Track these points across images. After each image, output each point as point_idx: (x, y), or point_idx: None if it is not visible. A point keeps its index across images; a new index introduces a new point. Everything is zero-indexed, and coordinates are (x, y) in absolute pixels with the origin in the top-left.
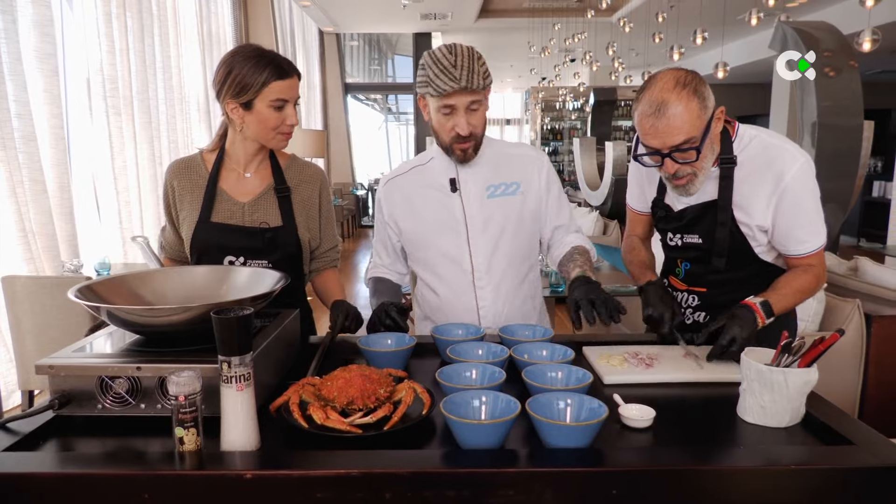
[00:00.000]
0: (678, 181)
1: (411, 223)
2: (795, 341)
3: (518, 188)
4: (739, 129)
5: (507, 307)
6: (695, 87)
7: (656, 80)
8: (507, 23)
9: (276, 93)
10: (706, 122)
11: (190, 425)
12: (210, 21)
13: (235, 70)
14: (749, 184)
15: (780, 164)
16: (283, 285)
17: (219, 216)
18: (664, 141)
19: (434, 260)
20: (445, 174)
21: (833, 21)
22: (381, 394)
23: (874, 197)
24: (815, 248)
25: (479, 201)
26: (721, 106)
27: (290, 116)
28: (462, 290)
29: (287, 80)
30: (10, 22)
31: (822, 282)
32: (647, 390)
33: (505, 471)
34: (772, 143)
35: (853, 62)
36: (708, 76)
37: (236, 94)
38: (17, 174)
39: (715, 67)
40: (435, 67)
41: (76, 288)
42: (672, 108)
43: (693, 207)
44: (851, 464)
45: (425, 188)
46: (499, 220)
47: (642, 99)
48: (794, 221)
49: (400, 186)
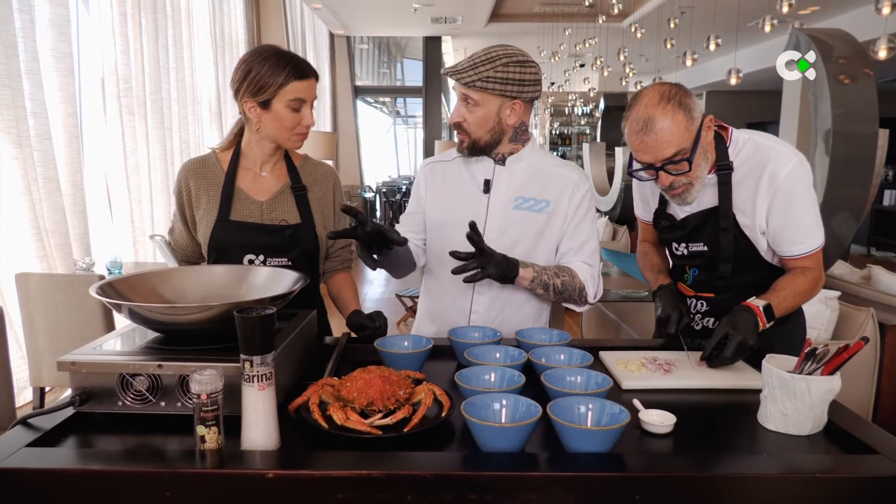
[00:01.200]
0: (675, 192)
1: (437, 211)
2: (820, 349)
3: (546, 206)
4: (733, 135)
5: (500, 316)
6: (679, 100)
7: (641, 96)
8: (518, 27)
9: (294, 93)
10: (695, 133)
11: (212, 424)
12: (223, 23)
13: (255, 69)
14: (746, 186)
15: (773, 165)
16: (302, 285)
17: (237, 214)
18: (655, 155)
19: (444, 254)
20: (483, 173)
21: (847, 28)
22: (401, 395)
23: (885, 206)
24: (809, 249)
25: (504, 209)
26: (709, 114)
27: (307, 117)
28: (460, 292)
29: (306, 81)
30: (28, 21)
31: (819, 285)
32: (666, 396)
33: (529, 474)
34: (765, 144)
35: (868, 70)
36: (720, 82)
37: (255, 93)
38: (32, 172)
39: (728, 73)
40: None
41: (97, 285)
42: (659, 123)
43: (695, 215)
44: (877, 472)
45: (461, 180)
46: (516, 232)
47: (629, 117)
48: (787, 221)
49: (441, 171)
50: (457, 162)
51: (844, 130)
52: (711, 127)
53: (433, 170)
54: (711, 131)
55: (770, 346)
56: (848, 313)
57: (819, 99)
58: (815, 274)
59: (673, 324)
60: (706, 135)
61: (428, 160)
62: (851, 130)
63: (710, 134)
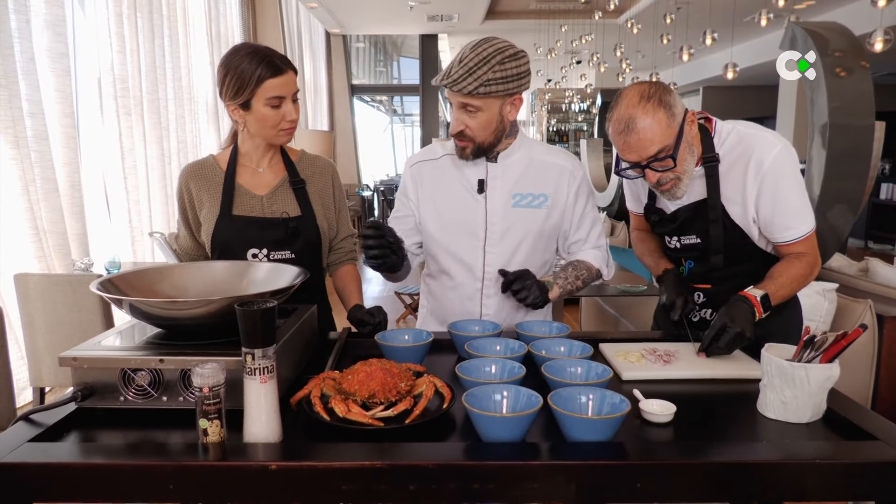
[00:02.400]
0: (663, 188)
1: (432, 216)
2: (818, 336)
3: (545, 201)
4: (717, 126)
5: (509, 319)
6: (659, 98)
7: (621, 97)
8: (514, 24)
9: (270, 90)
10: (677, 129)
11: (214, 417)
12: (219, 22)
13: (231, 72)
14: (733, 176)
15: (758, 152)
16: (302, 280)
17: (239, 209)
18: (639, 154)
19: (446, 259)
20: (475, 173)
21: (843, 22)
22: (402, 388)
23: (882, 199)
24: (801, 234)
25: (503, 209)
26: (692, 109)
27: (290, 112)
28: (468, 296)
29: (281, 77)
30: (24, 22)
31: (816, 269)
32: (666, 386)
33: (531, 463)
34: (749, 132)
35: (864, 63)
36: (717, 78)
37: (233, 95)
38: (30, 172)
39: (724, 68)
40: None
41: (98, 281)
42: (640, 123)
43: (685, 208)
44: (876, 458)
45: (453, 182)
46: (519, 231)
47: (611, 118)
48: (776, 208)
49: (429, 172)
50: (445, 160)
51: (841, 123)
52: (694, 121)
53: (420, 170)
54: (694, 125)
55: (767, 336)
56: (846, 305)
57: (815, 92)
58: (811, 258)
59: (677, 310)
60: (689, 129)
61: (413, 159)
62: (848, 123)
63: (694, 128)
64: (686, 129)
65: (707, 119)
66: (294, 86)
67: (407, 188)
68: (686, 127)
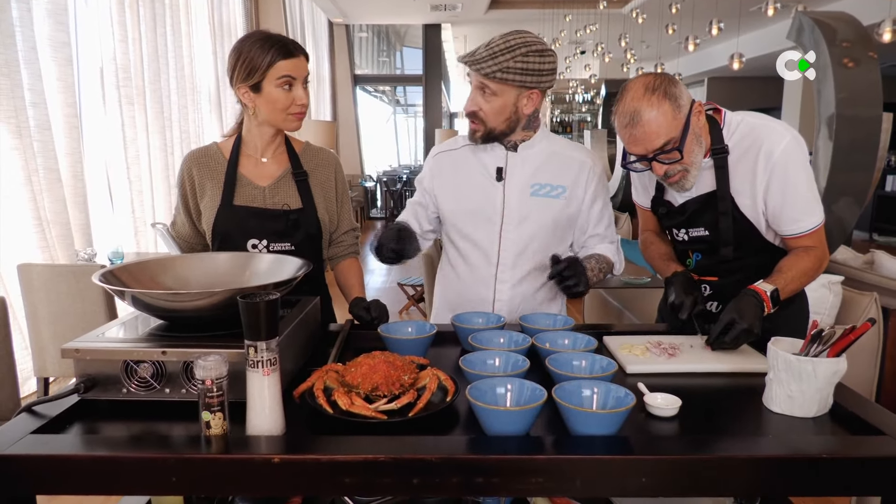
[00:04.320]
0: (671, 179)
1: (451, 203)
2: (826, 330)
3: (563, 192)
4: (727, 117)
5: (522, 305)
6: (665, 90)
7: (627, 89)
8: (518, 14)
9: (282, 70)
10: (683, 121)
11: (217, 409)
12: (221, 12)
13: (244, 54)
14: (742, 167)
15: (768, 144)
16: (305, 272)
17: (241, 199)
18: (645, 147)
19: (463, 244)
20: (494, 161)
21: (852, 11)
22: (406, 380)
23: (887, 191)
24: (810, 227)
25: (520, 196)
26: (698, 100)
27: (301, 97)
28: (482, 280)
29: (293, 59)
30: (26, 10)
31: (824, 263)
32: (671, 380)
33: (536, 457)
34: (758, 123)
35: (872, 53)
36: (722, 68)
37: (245, 77)
38: (33, 162)
39: (730, 59)
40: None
41: (100, 273)
42: (645, 115)
43: (694, 200)
44: (883, 453)
45: (472, 169)
46: (536, 219)
47: (617, 111)
48: (785, 199)
49: (449, 162)
50: (465, 150)
51: (848, 114)
52: (701, 112)
53: (440, 161)
54: (702, 116)
55: (774, 330)
56: (851, 298)
57: (822, 83)
58: (819, 252)
59: (686, 310)
60: (696, 120)
61: (435, 150)
62: (855, 114)
63: (701, 119)
64: (693, 121)
65: (716, 110)
66: (305, 70)
67: (425, 178)
68: (693, 118)
